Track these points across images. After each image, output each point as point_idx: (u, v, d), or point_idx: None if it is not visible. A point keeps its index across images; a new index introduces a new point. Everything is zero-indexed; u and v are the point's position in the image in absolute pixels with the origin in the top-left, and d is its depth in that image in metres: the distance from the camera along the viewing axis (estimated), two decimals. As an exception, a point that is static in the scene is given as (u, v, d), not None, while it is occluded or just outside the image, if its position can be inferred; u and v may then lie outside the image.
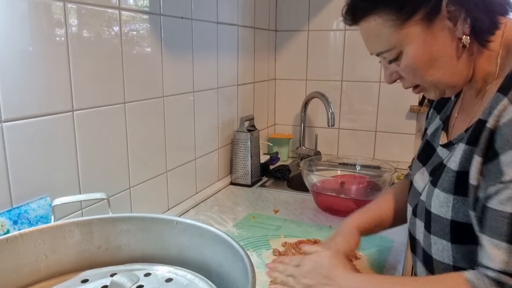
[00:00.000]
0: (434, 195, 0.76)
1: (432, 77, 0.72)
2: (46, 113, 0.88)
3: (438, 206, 0.75)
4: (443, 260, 0.76)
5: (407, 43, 0.71)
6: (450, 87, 0.74)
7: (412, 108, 1.85)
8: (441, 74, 0.72)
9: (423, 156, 0.86)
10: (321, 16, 1.94)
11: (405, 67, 0.73)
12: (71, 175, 0.96)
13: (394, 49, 0.72)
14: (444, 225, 0.74)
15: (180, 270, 0.67)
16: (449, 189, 0.72)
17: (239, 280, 0.57)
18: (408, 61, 0.72)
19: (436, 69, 0.71)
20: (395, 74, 0.77)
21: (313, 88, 1.98)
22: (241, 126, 1.64)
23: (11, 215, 0.79)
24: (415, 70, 0.72)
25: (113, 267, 0.68)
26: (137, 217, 0.71)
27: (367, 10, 0.72)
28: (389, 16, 0.70)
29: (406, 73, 0.74)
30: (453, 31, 0.68)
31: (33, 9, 0.83)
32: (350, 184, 1.45)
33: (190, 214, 1.36)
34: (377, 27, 0.72)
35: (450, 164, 0.74)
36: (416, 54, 0.71)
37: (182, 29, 1.31)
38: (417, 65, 0.71)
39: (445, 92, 0.76)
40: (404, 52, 0.72)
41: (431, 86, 0.75)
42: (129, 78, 1.10)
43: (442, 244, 0.76)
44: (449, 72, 0.72)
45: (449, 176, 0.73)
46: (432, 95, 0.77)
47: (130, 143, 1.13)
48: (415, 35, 0.70)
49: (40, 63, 0.86)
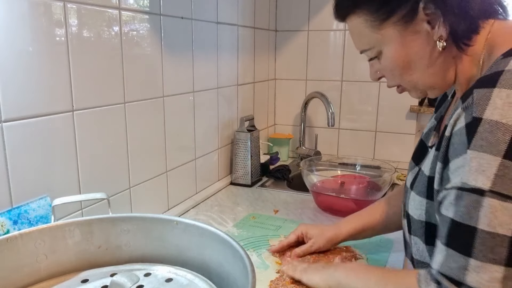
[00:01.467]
0: (410, 197, 0.78)
1: (410, 78, 0.73)
2: (46, 113, 0.88)
3: (414, 208, 0.76)
4: (423, 260, 0.78)
5: (385, 44, 0.72)
6: (430, 88, 0.75)
7: (412, 108, 1.85)
8: (419, 75, 0.73)
9: (416, 155, 0.86)
10: (321, 16, 1.94)
11: (385, 66, 0.75)
12: (71, 175, 0.96)
13: (374, 48, 0.74)
14: (419, 226, 0.76)
15: (180, 270, 0.67)
16: (423, 192, 0.74)
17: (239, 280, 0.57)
18: (386, 62, 0.74)
19: (414, 70, 0.72)
20: (379, 72, 0.78)
21: (313, 88, 1.98)
22: (241, 126, 1.64)
23: (11, 215, 0.79)
24: (393, 70, 0.74)
25: (113, 267, 0.68)
26: (137, 217, 0.71)
27: (348, 9, 0.74)
28: (367, 16, 0.71)
29: (386, 72, 0.76)
30: (431, 34, 0.69)
31: (33, 9, 0.83)
32: (350, 184, 1.45)
33: (190, 214, 1.36)
34: (358, 26, 0.74)
35: (424, 168, 0.75)
36: (393, 55, 0.72)
37: (182, 29, 1.31)
38: (395, 65, 0.73)
39: (427, 92, 0.76)
40: (383, 52, 0.73)
41: (410, 86, 0.76)
42: (129, 78, 1.10)
43: (421, 245, 0.77)
44: (427, 74, 0.72)
45: (423, 180, 0.74)
46: (414, 95, 0.78)
47: (130, 143, 1.13)
48: (392, 36, 0.71)
49: (40, 63, 0.86)
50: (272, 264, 1.02)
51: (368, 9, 0.71)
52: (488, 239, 0.57)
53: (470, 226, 0.59)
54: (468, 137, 0.59)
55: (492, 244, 0.57)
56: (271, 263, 1.02)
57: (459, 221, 0.60)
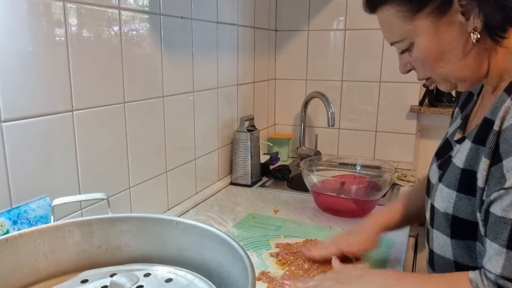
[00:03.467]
0: (438, 190, 0.77)
1: (442, 70, 0.72)
2: (46, 113, 0.88)
3: (441, 201, 0.75)
4: (444, 254, 0.77)
5: (417, 35, 0.71)
6: (461, 81, 0.74)
7: (412, 108, 1.85)
8: (450, 68, 0.71)
9: (440, 151, 0.86)
10: (321, 16, 1.94)
11: (416, 58, 0.73)
12: (71, 175, 0.96)
13: (406, 39, 0.73)
14: (444, 219, 0.74)
15: (180, 270, 0.67)
16: (453, 185, 0.73)
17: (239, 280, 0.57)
18: (418, 53, 0.72)
19: (446, 62, 0.71)
20: (409, 65, 0.77)
21: (313, 88, 1.98)
22: (241, 126, 1.64)
23: (11, 215, 0.79)
24: (424, 62, 0.73)
25: (113, 267, 0.68)
26: (137, 217, 0.70)
27: (380, 1, 0.73)
28: (400, 7, 0.70)
29: (417, 65, 0.75)
30: (465, 25, 0.68)
31: (33, 9, 0.83)
32: (350, 184, 1.44)
33: (190, 214, 1.36)
34: (390, 17, 0.73)
35: (456, 161, 0.74)
36: (425, 46, 0.71)
37: (182, 29, 1.31)
38: (427, 57, 0.72)
39: (457, 85, 0.75)
40: (415, 43, 0.72)
41: (441, 78, 0.75)
42: (129, 78, 1.09)
43: (443, 239, 0.76)
44: (459, 66, 0.71)
45: (454, 172, 0.73)
46: (443, 87, 0.77)
47: (130, 143, 1.13)
48: (425, 27, 0.70)
49: (40, 63, 0.85)
50: (272, 264, 1.02)
51: (401, 0, 0.70)
52: None
53: None
54: None
55: None
56: (271, 263, 1.02)
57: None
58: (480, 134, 0.69)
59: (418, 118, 1.89)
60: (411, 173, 1.80)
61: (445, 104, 1.86)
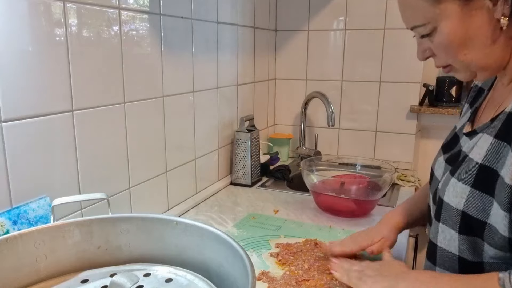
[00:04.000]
0: (450, 184, 0.75)
1: (465, 57, 0.70)
2: (46, 113, 0.88)
3: (452, 195, 0.74)
4: (448, 249, 0.76)
5: (442, 19, 0.69)
6: (482, 69, 0.72)
7: (412, 108, 1.85)
8: (474, 55, 0.70)
9: (447, 145, 0.85)
10: (321, 16, 1.94)
11: (439, 44, 0.71)
12: (71, 175, 0.96)
13: (429, 24, 0.70)
14: (454, 214, 0.73)
15: (180, 270, 0.67)
16: (468, 180, 0.71)
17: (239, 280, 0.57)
18: (441, 38, 0.70)
19: (470, 49, 0.69)
20: (428, 51, 0.75)
21: (313, 88, 1.98)
22: (241, 126, 1.64)
23: (11, 215, 0.79)
24: (448, 48, 0.70)
25: (113, 267, 0.68)
26: (137, 217, 0.70)
27: None
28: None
29: (439, 51, 0.72)
30: (492, 11, 0.66)
31: (33, 9, 0.83)
32: (350, 184, 1.44)
33: (190, 214, 1.36)
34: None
35: (474, 156, 0.72)
36: (450, 31, 0.68)
37: (182, 29, 1.31)
38: (451, 42, 0.69)
39: (477, 74, 0.73)
40: (439, 28, 0.70)
41: (462, 66, 0.72)
42: (129, 78, 1.09)
43: (450, 234, 0.75)
44: (483, 54, 0.69)
45: (471, 167, 0.72)
46: (462, 76, 0.75)
47: (130, 143, 1.13)
48: (452, 12, 0.67)
49: (40, 63, 0.85)
50: (272, 264, 1.02)
51: None
52: None
53: None
54: None
55: None
56: (271, 264, 1.02)
57: None
58: (504, 130, 0.67)
59: (418, 118, 1.89)
60: (411, 173, 1.80)
61: (445, 104, 1.85)
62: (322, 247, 1.04)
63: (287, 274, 0.96)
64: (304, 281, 0.93)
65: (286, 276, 0.95)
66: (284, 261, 1.02)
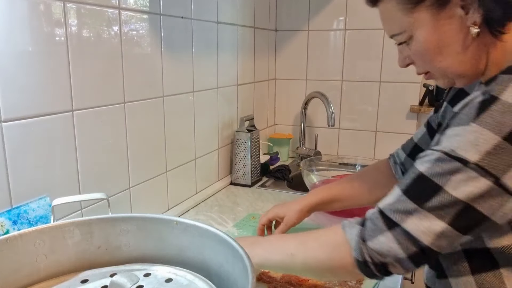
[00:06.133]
0: None
1: (440, 64, 0.72)
2: (46, 113, 0.88)
3: None
4: None
5: (416, 28, 0.71)
6: (459, 76, 0.73)
7: (412, 108, 1.85)
8: (449, 62, 0.71)
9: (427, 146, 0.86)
10: (321, 16, 1.94)
11: (415, 51, 0.73)
12: (71, 175, 0.96)
13: (405, 32, 0.73)
14: None
15: (180, 270, 0.67)
16: None
17: (239, 280, 0.57)
18: (417, 46, 0.72)
19: (445, 56, 0.71)
20: (408, 59, 0.77)
21: (313, 88, 1.98)
22: (241, 126, 1.64)
23: (11, 215, 0.79)
24: (424, 55, 0.73)
25: (112, 267, 0.68)
26: (137, 217, 0.70)
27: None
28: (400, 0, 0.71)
29: (417, 58, 0.75)
30: (464, 19, 0.68)
31: (33, 9, 0.83)
32: (350, 184, 1.44)
33: (190, 214, 1.36)
34: (390, 9, 0.73)
35: None
36: (425, 39, 0.71)
37: (182, 29, 1.31)
38: (426, 50, 0.72)
39: (455, 81, 0.75)
40: (414, 36, 0.72)
41: (439, 73, 0.74)
42: (129, 78, 1.10)
43: None
44: (458, 61, 0.71)
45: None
46: (441, 83, 0.77)
47: (130, 143, 1.13)
48: (425, 20, 0.70)
49: (40, 63, 0.85)
50: (272, 264, 1.02)
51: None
52: (446, 200, 0.61)
53: (437, 185, 0.62)
54: (478, 111, 0.61)
55: (447, 205, 0.61)
56: (271, 263, 1.02)
57: (428, 177, 0.63)
58: None
59: (418, 118, 1.89)
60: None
61: (445, 104, 1.85)
62: None
63: (287, 274, 0.96)
64: (304, 281, 0.93)
65: (286, 276, 0.95)
66: (284, 261, 1.02)
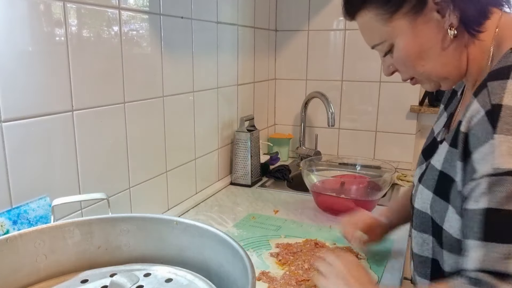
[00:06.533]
0: (418, 191, 0.78)
1: (423, 68, 0.73)
2: (46, 113, 0.88)
3: (421, 201, 0.77)
4: (421, 253, 0.78)
5: (396, 36, 0.72)
6: (443, 78, 0.74)
7: (412, 108, 1.85)
8: (432, 65, 0.72)
9: (427, 151, 0.86)
10: (321, 16, 1.94)
11: (397, 59, 0.74)
12: (71, 175, 0.96)
13: (386, 41, 0.74)
14: (426, 219, 0.76)
15: (180, 270, 0.67)
16: (431, 186, 0.74)
17: (239, 280, 0.57)
18: (399, 53, 0.73)
19: (426, 61, 0.72)
20: (392, 67, 0.78)
21: (313, 88, 1.98)
22: (241, 126, 1.64)
23: (11, 215, 0.79)
24: (406, 62, 0.74)
25: (113, 267, 0.68)
26: (137, 217, 0.70)
27: (357, 5, 0.74)
28: (378, 10, 0.71)
29: (399, 65, 0.76)
30: (441, 22, 0.69)
31: (33, 9, 0.83)
32: (350, 184, 1.44)
33: (190, 214, 1.36)
34: (368, 21, 0.74)
35: (434, 162, 0.75)
36: (405, 46, 0.72)
37: (182, 29, 1.31)
38: (407, 57, 0.73)
39: (440, 84, 0.76)
40: (395, 44, 0.73)
41: (424, 77, 0.75)
42: (129, 78, 1.09)
43: (422, 238, 0.78)
44: (440, 63, 0.72)
45: (433, 174, 0.74)
46: (427, 87, 0.78)
47: (130, 143, 1.13)
48: (403, 28, 0.71)
49: (40, 63, 0.85)
50: (272, 264, 1.02)
51: (377, 3, 0.71)
52: None
53: (510, 210, 0.57)
54: (492, 123, 0.60)
55: None
56: (271, 263, 1.02)
57: (497, 208, 0.58)
58: (454, 137, 0.69)
59: (418, 118, 1.89)
60: (411, 173, 1.80)
61: (445, 104, 1.85)
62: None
63: (287, 274, 0.96)
64: (304, 281, 0.93)
65: (286, 276, 0.95)
66: (284, 261, 1.02)
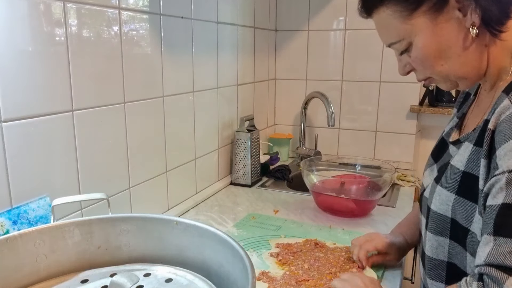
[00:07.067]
0: (436, 192, 0.76)
1: (442, 68, 0.71)
2: (45, 113, 0.88)
3: (439, 203, 0.75)
4: (436, 257, 0.77)
5: (415, 34, 0.70)
6: (462, 78, 0.73)
7: (412, 108, 1.85)
8: (451, 65, 0.71)
9: (435, 152, 0.86)
10: (321, 16, 1.94)
11: (416, 58, 0.73)
12: (71, 175, 0.96)
13: (404, 40, 0.72)
14: (443, 222, 0.74)
15: (180, 270, 0.67)
16: (452, 188, 0.72)
17: (239, 280, 0.57)
18: (417, 52, 0.72)
19: (446, 60, 0.71)
20: (408, 66, 0.77)
21: (313, 88, 1.98)
22: (241, 126, 1.64)
23: (11, 215, 0.79)
24: (425, 61, 0.72)
25: (113, 267, 0.68)
26: (137, 217, 0.70)
27: (376, 2, 0.73)
28: (397, 7, 0.70)
29: (417, 64, 0.74)
30: (463, 21, 0.68)
31: (33, 9, 0.83)
32: (350, 184, 1.44)
33: (190, 214, 1.36)
34: (386, 18, 0.72)
35: (456, 163, 0.73)
36: (424, 44, 0.70)
37: (182, 29, 1.31)
38: (426, 55, 0.71)
39: (458, 84, 0.75)
40: (414, 43, 0.71)
41: (442, 77, 0.74)
42: (129, 78, 1.09)
43: (437, 241, 0.76)
44: (459, 63, 0.71)
45: (454, 175, 0.72)
46: (444, 86, 0.77)
47: (130, 143, 1.13)
48: (423, 26, 0.69)
49: (40, 63, 0.85)
50: (272, 264, 1.02)
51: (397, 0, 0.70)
52: None
53: None
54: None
55: None
56: (271, 263, 1.02)
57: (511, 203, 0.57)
58: (480, 136, 0.68)
59: (418, 118, 1.89)
60: (411, 173, 1.80)
61: (445, 104, 1.86)
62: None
63: (287, 274, 0.96)
64: (304, 281, 0.93)
65: (286, 276, 0.95)
66: (284, 261, 1.02)
